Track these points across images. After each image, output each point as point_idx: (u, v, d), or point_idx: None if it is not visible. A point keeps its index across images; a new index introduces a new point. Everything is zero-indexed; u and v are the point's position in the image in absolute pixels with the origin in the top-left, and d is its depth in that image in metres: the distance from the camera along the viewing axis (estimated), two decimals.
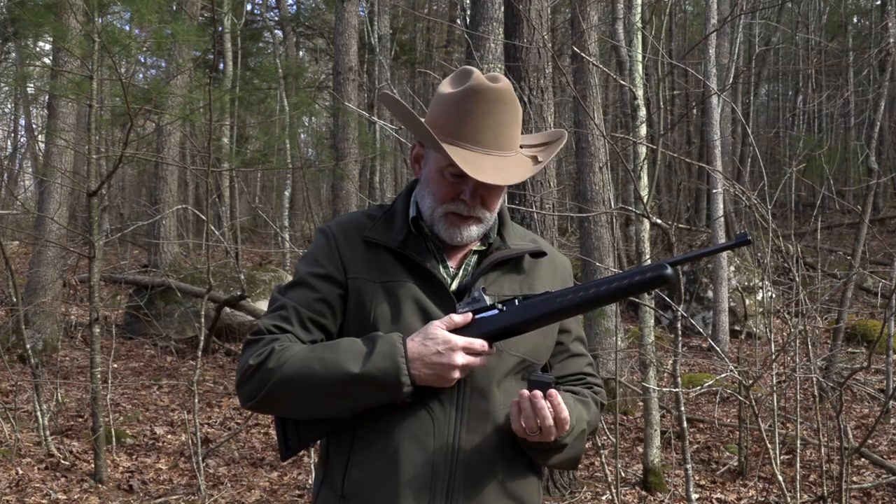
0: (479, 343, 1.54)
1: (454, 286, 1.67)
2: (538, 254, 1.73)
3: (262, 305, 9.37)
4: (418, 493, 1.56)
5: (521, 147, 1.69)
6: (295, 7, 19.16)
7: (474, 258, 1.71)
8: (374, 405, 1.57)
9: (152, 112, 6.70)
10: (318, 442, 1.71)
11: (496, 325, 1.55)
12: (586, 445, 2.02)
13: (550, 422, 1.51)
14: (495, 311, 1.57)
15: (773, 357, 4.48)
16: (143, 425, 6.58)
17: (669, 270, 1.51)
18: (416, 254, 1.65)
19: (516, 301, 1.58)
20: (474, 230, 1.66)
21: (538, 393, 1.51)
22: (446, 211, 1.65)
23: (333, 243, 1.69)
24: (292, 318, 1.62)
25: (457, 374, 1.54)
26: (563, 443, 1.60)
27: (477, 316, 1.57)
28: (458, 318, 1.56)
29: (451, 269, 1.70)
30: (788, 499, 3.96)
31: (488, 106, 1.60)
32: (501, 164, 1.61)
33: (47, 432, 5.77)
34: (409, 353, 1.53)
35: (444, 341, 1.53)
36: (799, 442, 4.56)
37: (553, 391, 1.52)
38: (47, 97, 10.16)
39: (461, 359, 1.53)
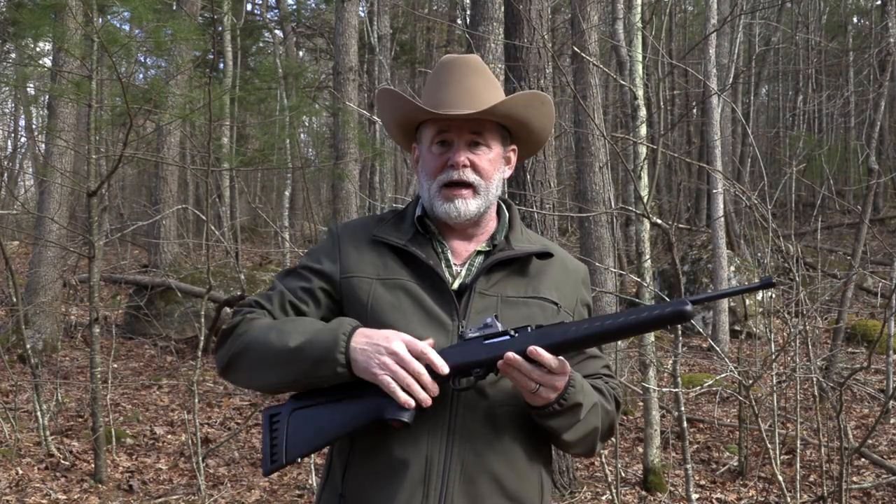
0: (423, 345, 1.51)
1: (456, 285, 1.68)
2: (543, 255, 1.72)
3: None
4: (412, 492, 1.57)
5: None
6: (295, 5, 19.17)
7: (479, 258, 1.72)
8: (314, 380, 1.57)
9: (152, 112, 6.70)
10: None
11: (504, 350, 1.52)
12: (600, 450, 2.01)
13: (541, 376, 1.51)
14: (507, 338, 1.54)
15: (773, 357, 4.48)
16: (143, 425, 6.58)
17: (689, 307, 1.49)
18: (420, 251, 1.67)
19: (529, 329, 1.55)
20: (471, 203, 1.68)
21: (510, 355, 1.50)
22: (440, 184, 1.69)
23: (336, 242, 1.74)
24: (274, 298, 1.70)
25: (385, 359, 1.50)
26: (574, 399, 1.57)
27: (486, 341, 1.54)
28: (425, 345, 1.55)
29: (456, 269, 1.70)
30: (788, 499, 3.96)
31: (458, 73, 1.69)
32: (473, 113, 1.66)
33: (47, 432, 5.77)
34: (360, 332, 1.55)
35: (397, 333, 1.54)
36: (799, 442, 4.56)
37: (530, 349, 1.49)
38: (47, 97, 10.16)
39: (398, 346, 1.51)
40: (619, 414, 1.76)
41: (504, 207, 1.80)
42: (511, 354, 1.49)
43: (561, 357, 1.53)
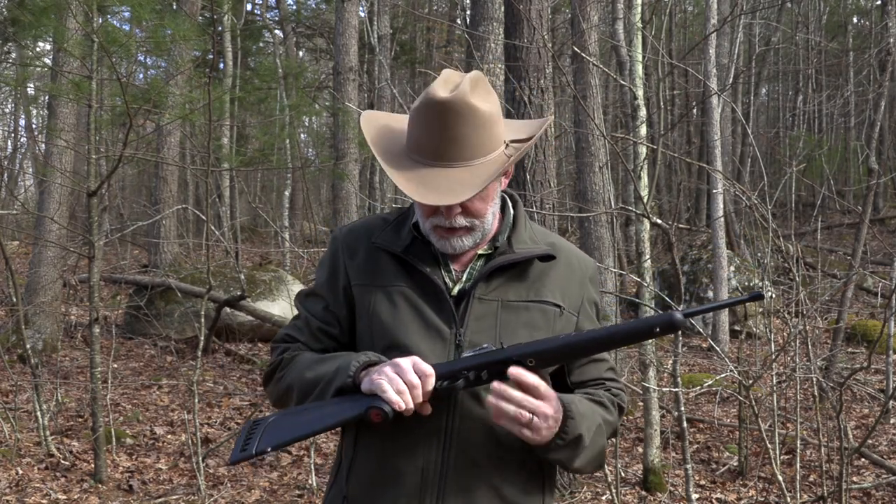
0: (430, 369, 1.50)
1: (456, 291, 1.65)
2: (546, 257, 1.67)
3: (262, 305, 9.38)
4: (409, 499, 1.58)
5: (510, 142, 1.62)
6: (295, 5, 19.18)
7: (480, 262, 1.68)
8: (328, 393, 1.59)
9: (152, 112, 6.70)
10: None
11: (496, 358, 1.52)
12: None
13: (531, 402, 1.48)
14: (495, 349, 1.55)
15: (773, 357, 4.48)
16: (143, 425, 6.58)
17: (679, 316, 1.50)
18: (417, 259, 1.64)
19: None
20: (467, 240, 1.63)
21: (495, 385, 1.48)
22: (432, 225, 1.63)
23: (339, 251, 1.73)
24: (304, 328, 1.73)
25: (386, 368, 1.50)
26: (576, 432, 1.54)
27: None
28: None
29: (455, 273, 1.67)
30: (788, 499, 3.96)
31: (441, 119, 1.54)
32: (463, 177, 1.55)
33: (47, 432, 5.77)
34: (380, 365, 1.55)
35: (408, 357, 1.52)
36: (799, 442, 4.56)
37: (511, 370, 1.48)
38: (47, 97, 10.16)
39: (404, 361, 1.50)
40: (621, 417, 1.73)
41: (510, 204, 1.74)
42: (508, 374, 1.48)
43: (543, 383, 1.51)
